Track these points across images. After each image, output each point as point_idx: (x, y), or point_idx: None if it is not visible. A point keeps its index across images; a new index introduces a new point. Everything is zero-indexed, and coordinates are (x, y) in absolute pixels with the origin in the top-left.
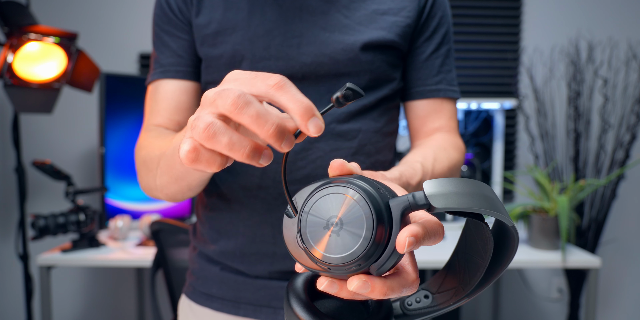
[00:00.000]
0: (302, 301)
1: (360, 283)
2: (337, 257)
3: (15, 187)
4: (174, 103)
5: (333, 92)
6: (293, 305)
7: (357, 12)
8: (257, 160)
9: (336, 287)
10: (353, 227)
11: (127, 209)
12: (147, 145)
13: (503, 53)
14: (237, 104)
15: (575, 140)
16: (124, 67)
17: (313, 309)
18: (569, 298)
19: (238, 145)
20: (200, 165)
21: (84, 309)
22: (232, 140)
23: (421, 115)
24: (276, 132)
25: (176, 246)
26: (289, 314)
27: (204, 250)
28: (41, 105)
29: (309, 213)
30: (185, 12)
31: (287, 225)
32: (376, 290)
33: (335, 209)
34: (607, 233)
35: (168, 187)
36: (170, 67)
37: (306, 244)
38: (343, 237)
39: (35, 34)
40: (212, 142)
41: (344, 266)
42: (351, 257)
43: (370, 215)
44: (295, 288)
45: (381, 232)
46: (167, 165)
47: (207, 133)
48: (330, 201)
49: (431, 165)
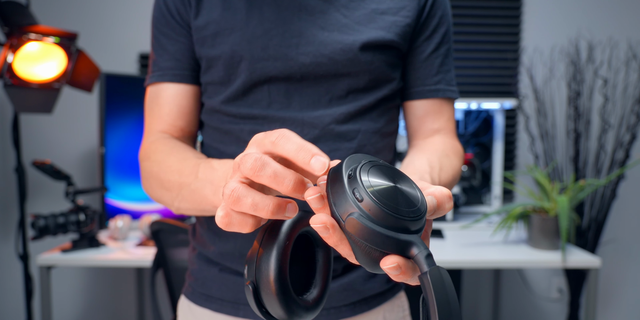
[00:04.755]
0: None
1: (319, 198)
2: (372, 186)
3: (15, 187)
4: (175, 108)
5: (332, 92)
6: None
7: (356, 12)
8: (282, 214)
9: (321, 203)
10: (402, 200)
11: (127, 209)
12: (159, 161)
13: (503, 53)
14: (255, 167)
15: (575, 140)
16: (124, 67)
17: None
18: (569, 298)
19: (261, 204)
20: (234, 228)
21: (84, 309)
22: (255, 201)
23: (420, 116)
24: (295, 187)
25: (176, 246)
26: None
27: (203, 251)
28: (41, 105)
29: (380, 164)
30: (184, 14)
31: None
32: (403, 275)
33: (405, 182)
34: (607, 233)
35: (188, 211)
36: (168, 70)
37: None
38: (393, 191)
39: (35, 34)
40: (237, 205)
41: (363, 189)
42: (375, 196)
43: (417, 218)
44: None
45: (394, 224)
46: (193, 199)
47: (232, 198)
48: (406, 179)
49: (437, 176)
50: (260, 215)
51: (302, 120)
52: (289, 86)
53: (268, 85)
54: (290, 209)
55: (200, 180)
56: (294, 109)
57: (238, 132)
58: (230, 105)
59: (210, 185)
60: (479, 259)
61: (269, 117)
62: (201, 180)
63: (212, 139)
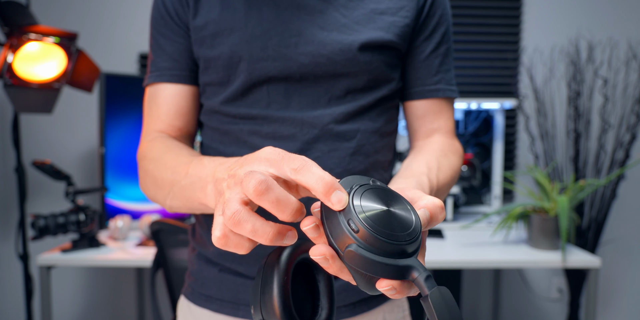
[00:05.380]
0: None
1: (314, 227)
2: (366, 217)
3: (15, 187)
4: (173, 108)
5: (331, 92)
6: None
7: (355, 11)
8: (280, 241)
9: (317, 232)
10: (396, 225)
11: (127, 209)
12: (155, 159)
13: (503, 53)
14: (258, 190)
15: (575, 140)
16: (124, 67)
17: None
18: (569, 298)
19: (261, 231)
20: (229, 249)
21: (84, 309)
22: (256, 227)
23: (420, 116)
24: (294, 215)
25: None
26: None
27: (202, 251)
28: (41, 105)
29: (376, 188)
30: (182, 15)
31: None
32: (399, 294)
33: (396, 204)
34: (607, 233)
35: (179, 209)
36: (166, 71)
37: (355, 214)
38: (386, 216)
39: (35, 34)
40: (238, 228)
41: (359, 220)
42: (370, 225)
43: (409, 242)
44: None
45: (390, 250)
46: (183, 196)
47: (233, 220)
48: (397, 200)
49: (435, 176)
50: (259, 241)
51: (301, 120)
52: (288, 86)
53: (267, 86)
54: (289, 237)
55: (190, 176)
56: (293, 109)
57: (237, 132)
58: (230, 106)
59: (198, 181)
60: (479, 259)
61: (268, 117)
62: (190, 176)
63: (212, 140)
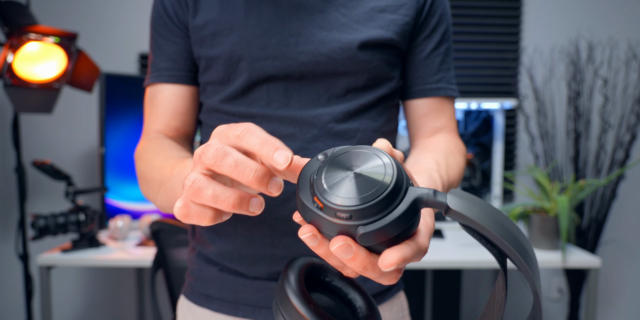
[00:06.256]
0: (298, 290)
1: (345, 246)
2: (337, 197)
3: (15, 187)
4: (170, 108)
5: (331, 91)
6: (289, 294)
7: (355, 10)
8: (245, 208)
9: (316, 241)
10: (368, 182)
11: (127, 209)
12: (147, 159)
13: (503, 53)
14: (216, 157)
15: (575, 140)
16: (124, 67)
17: (308, 299)
18: (569, 298)
19: (222, 196)
20: (192, 220)
21: (84, 309)
22: (216, 193)
23: (421, 114)
24: (258, 178)
25: (176, 246)
26: (284, 303)
27: (202, 251)
28: (41, 105)
29: (335, 157)
30: (181, 15)
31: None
32: (357, 260)
33: (361, 162)
34: (607, 233)
35: (169, 209)
36: (165, 71)
37: (316, 179)
38: (353, 184)
39: (35, 34)
40: (198, 196)
41: (339, 209)
42: (350, 202)
43: (390, 180)
44: (291, 277)
45: (386, 203)
46: (168, 196)
47: (192, 189)
48: (361, 156)
49: (445, 173)
50: (221, 208)
51: (301, 119)
52: (288, 85)
53: (267, 85)
54: (255, 204)
55: (174, 176)
56: (293, 108)
57: None
58: (229, 105)
59: (180, 182)
60: (479, 259)
61: (268, 116)
62: (175, 176)
63: None
